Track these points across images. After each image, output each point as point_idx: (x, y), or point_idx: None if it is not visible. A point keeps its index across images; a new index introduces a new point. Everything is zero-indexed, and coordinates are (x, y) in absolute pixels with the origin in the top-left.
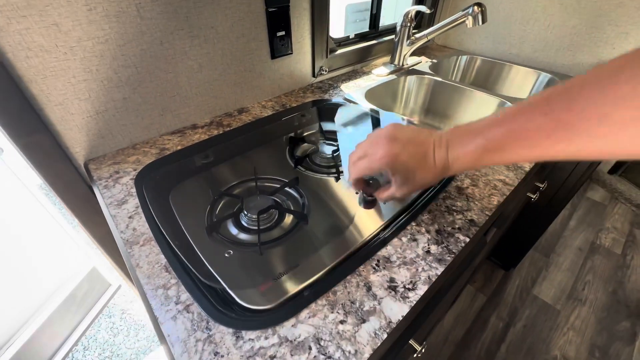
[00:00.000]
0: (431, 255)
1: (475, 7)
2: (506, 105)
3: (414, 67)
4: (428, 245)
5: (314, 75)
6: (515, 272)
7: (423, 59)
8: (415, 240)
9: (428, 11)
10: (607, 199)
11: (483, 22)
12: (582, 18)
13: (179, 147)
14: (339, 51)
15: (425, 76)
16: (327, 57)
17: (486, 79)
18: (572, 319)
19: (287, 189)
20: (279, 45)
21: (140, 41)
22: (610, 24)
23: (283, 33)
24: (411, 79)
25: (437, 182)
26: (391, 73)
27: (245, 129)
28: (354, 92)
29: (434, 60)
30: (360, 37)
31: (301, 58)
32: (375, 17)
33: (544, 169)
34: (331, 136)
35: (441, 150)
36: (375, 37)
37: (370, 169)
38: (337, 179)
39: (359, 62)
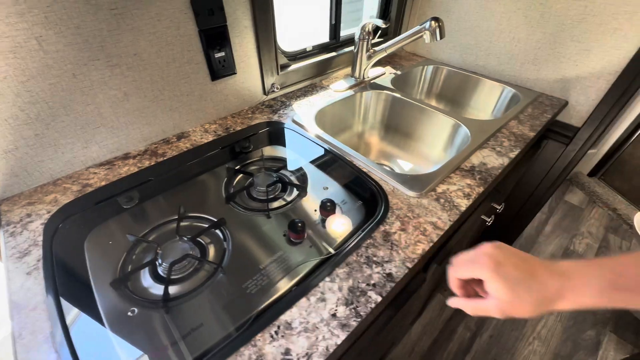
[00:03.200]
0: (336, 320)
1: (433, 22)
2: (461, 128)
3: (375, 80)
4: (336, 306)
5: (265, 93)
6: None
7: (388, 69)
8: (324, 300)
9: (383, 25)
10: (585, 203)
11: (441, 37)
12: (545, 32)
13: (104, 183)
14: (294, 66)
15: (383, 91)
16: (278, 74)
17: (452, 91)
18: (538, 328)
19: (214, 230)
20: (219, 67)
21: (48, 75)
22: (573, 40)
23: (222, 54)
24: (368, 94)
25: (537, 315)
26: (351, 87)
27: (180, 159)
28: (305, 113)
29: (398, 72)
30: (322, 48)
31: (248, 77)
32: (335, 28)
33: (498, 192)
34: (273, 164)
35: (553, 275)
36: (336, 48)
37: (469, 270)
38: (268, 216)
39: (319, 75)
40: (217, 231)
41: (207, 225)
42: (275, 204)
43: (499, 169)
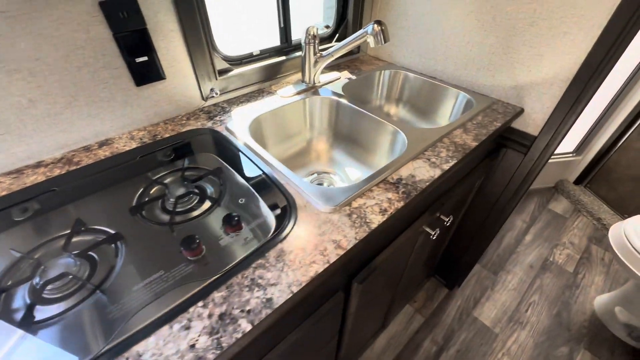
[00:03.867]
0: (193, 352)
1: (375, 26)
2: (399, 136)
3: (327, 86)
4: (199, 336)
5: (204, 99)
6: (460, 291)
7: (345, 73)
8: (188, 328)
9: (325, 30)
10: (569, 211)
11: (385, 41)
12: (498, 37)
13: (4, 193)
14: (237, 71)
15: (327, 97)
16: (216, 79)
17: (411, 96)
18: (509, 344)
19: (109, 245)
20: (144, 72)
21: None
22: (525, 44)
23: (145, 58)
24: (314, 100)
25: None
26: (299, 92)
27: (95, 168)
28: (241, 120)
29: (353, 77)
30: (273, 51)
31: (181, 82)
32: (285, 31)
33: (442, 204)
34: (194, 174)
35: None
36: (288, 52)
37: None
38: (172, 230)
39: (268, 80)
40: (113, 246)
41: (99, 240)
42: (183, 217)
43: (427, 182)
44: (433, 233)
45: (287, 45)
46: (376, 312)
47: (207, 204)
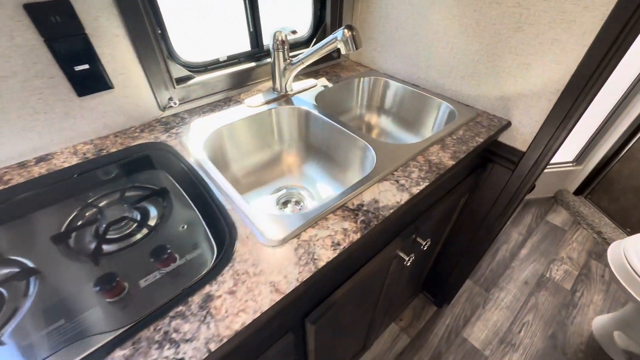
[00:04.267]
0: None
1: (346, 31)
2: (369, 152)
3: (300, 94)
4: None
5: (161, 109)
6: (449, 309)
7: (323, 81)
8: None
9: (293, 35)
10: (568, 224)
11: (356, 47)
12: (482, 43)
13: None
14: (200, 78)
15: (296, 107)
16: (174, 88)
17: (393, 105)
18: None
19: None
20: (86, 81)
21: None
22: (511, 52)
23: (87, 66)
24: (282, 111)
25: None
26: (269, 102)
27: (25, 188)
28: (197, 133)
29: (329, 85)
30: (244, 57)
31: (132, 91)
32: (255, 35)
33: (417, 229)
34: (137, 194)
35: None
36: (259, 58)
37: None
38: (96, 263)
39: (237, 88)
40: (25, 283)
41: (9, 275)
42: (115, 247)
43: (391, 209)
44: (407, 259)
45: (258, 51)
46: (353, 335)
47: (144, 231)
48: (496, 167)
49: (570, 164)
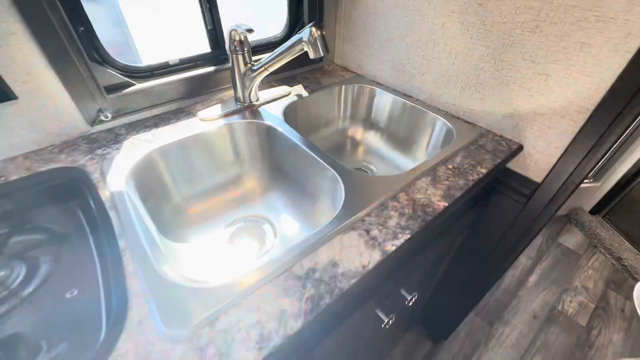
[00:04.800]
0: None
1: (314, 29)
2: (338, 185)
3: (267, 106)
4: None
5: (90, 123)
6: (447, 345)
7: (298, 88)
8: None
9: (249, 34)
10: (583, 247)
11: (326, 51)
12: (489, 47)
13: None
14: (143, 85)
15: (256, 122)
16: (105, 98)
17: (381, 118)
18: None
19: None
20: None
21: None
22: (525, 58)
23: None
24: (239, 127)
25: None
26: (230, 114)
27: None
28: (128, 156)
29: (304, 94)
30: (202, 60)
31: (45, 103)
32: (216, 34)
33: (400, 284)
34: (24, 240)
35: None
36: (222, 61)
37: None
38: None
39: (192, 96)
40: None
41: None
42: None
43: (353, 277)
44: (387, 320)
45: (219, 53)
46: None
47: (15, 299)
48: (503, 198)
49: (587, 181)
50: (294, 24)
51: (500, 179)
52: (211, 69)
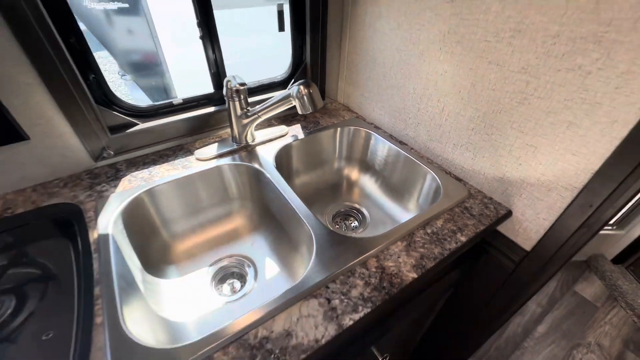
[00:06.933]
0: None
1: (302, 88)
2: (312, 240)
3: (261, 147)
4: None
5: (94, 159)
6: None
7: (295, 128)
8: None
9: (241, 87)
10: (601, 299)
11: (314, 108)
12: (479, 110)
13: None
14: (146, 125)
15: (246, 165)
16: (109, 136)
17: (376, 162)
18: None
19: None
20: None
21: None
22: (513, 127)
23: None
24: (230, 169)
25: None
26: (225, 154)
27: None
28: (119, 195)
29: (300, 136)
30: (205, 100)
31: (54, 142)
32: (218, 76)
33: (375, 342)
34: (18, 273)
35: None
36: (222, 102)
37: None
38: None
39: (192, 134)
40: None
41: None
42: None
43: (303, 352)
44: None
45: (222, 93)
46: None
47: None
48: (492, 260)
49: (610, 227)
50: (297, 65)
51: (488, 239)
52: (212, 109)
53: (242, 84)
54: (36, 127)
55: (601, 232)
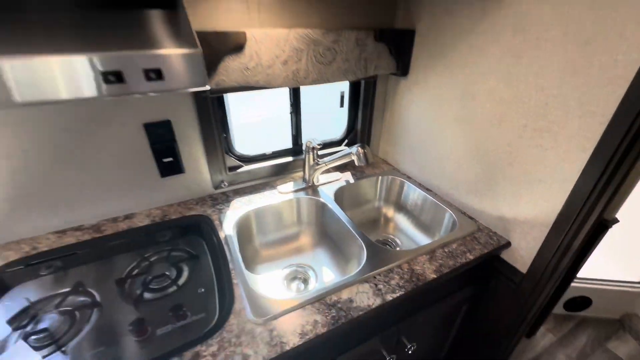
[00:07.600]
0: None
1: (359, 149)
2: (362, 251)
3: (323, 187)
4: None
5: (214, 188)
6: None
7: (346, 175)
8: None
9: (317, 145)
10: (637, 358)
11: (367, 162)
12: (482, 167)
13: (45, 248)
14: (248, 167)
15: (315, 198)
16: (226, 173)
17: (408, 203)
18: None
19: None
20: (168, 168)
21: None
22: (506, 180)
23: (171, 159)
24: (303, 200)
25: None
26: (298, 190)
27: (112, 238)
28: (235, 212)
29: (350, 181)
30: (286, 152)
31: (197, 175)
32: (296, 136)
33: (395, 333)
34: (179, 255)
35: None
36: (297, 153)
37: None
38: (135, 307)
39: (276, 175)
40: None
41: (82, 304)
42: (153, 296)
43: (361, 311)
44: (388, 358)
45: (297, 148)
46: None
47: (174, 287)
48: (499, 283)
49: None
50: (350, 131)
51: (496, 266)
52: (290, 158)
53: (319, 144)
54: (191, 165)
55: (634, 289)
